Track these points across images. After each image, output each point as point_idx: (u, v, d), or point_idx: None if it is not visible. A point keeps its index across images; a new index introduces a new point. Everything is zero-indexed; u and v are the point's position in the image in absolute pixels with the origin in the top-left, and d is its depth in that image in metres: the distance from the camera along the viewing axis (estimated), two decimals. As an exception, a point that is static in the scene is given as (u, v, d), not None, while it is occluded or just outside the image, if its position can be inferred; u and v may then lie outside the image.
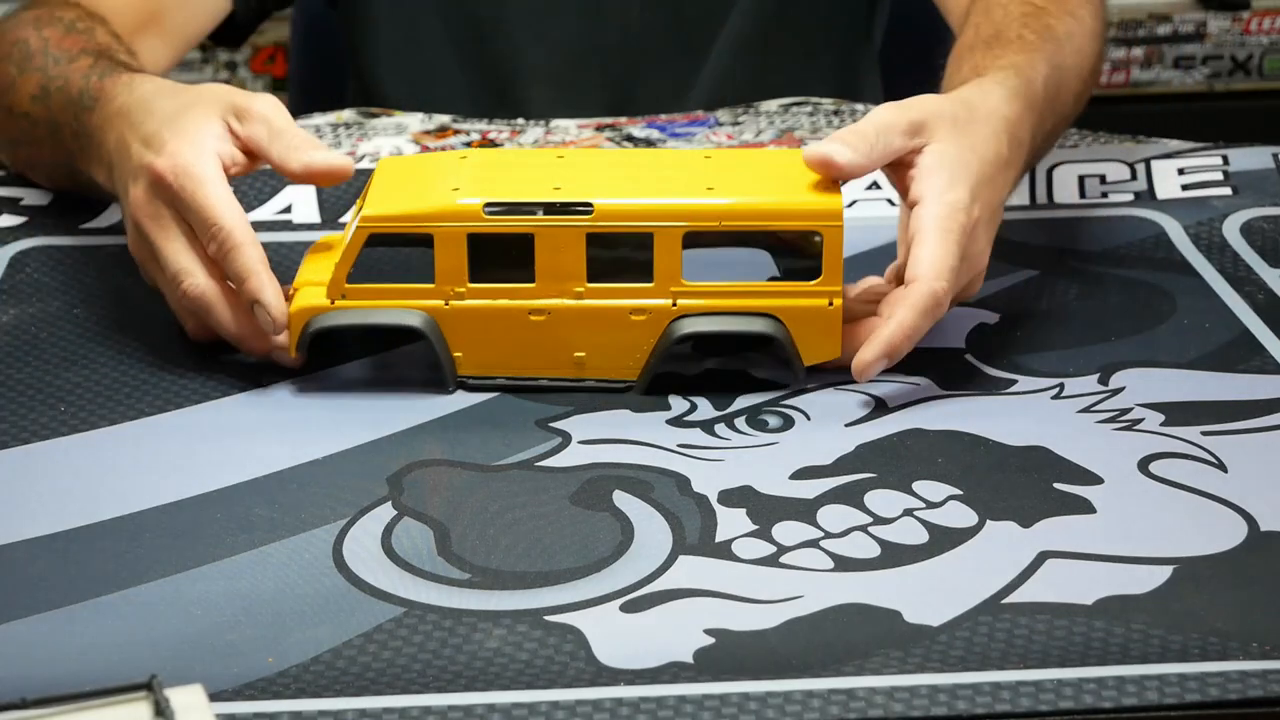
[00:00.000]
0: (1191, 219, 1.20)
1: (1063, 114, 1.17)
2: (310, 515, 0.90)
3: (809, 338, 1.00)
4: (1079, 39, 1.18)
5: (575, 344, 1.00)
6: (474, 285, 0.99)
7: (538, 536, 0.88)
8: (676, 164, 1.05)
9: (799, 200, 0.99)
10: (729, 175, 1.01)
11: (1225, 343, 1.06)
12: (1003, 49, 1.12)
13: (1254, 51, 2.74)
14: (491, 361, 1.00)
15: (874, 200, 1.23)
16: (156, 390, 1.01)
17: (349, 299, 0.99)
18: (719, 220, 0.98)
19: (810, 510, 0.90)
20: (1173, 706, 0.76)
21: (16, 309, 1.10)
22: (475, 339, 1.00)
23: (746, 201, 0.99)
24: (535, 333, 0.99)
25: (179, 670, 0.77)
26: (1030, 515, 0.89)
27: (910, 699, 0.76)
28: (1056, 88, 1.13)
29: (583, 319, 0.99)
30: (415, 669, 0.79)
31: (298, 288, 1.01)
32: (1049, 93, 1.11)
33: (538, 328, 0.99)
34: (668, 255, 0.98)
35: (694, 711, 0.76)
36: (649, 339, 0.99)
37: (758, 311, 0.99)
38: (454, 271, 0.98)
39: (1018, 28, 1.15)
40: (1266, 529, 0.88)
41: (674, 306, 0.99)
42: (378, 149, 1.33)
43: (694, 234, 0.98)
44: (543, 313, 0.99)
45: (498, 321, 0.99)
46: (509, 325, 0.99)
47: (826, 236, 0.98)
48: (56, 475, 0.94)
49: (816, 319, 0.99)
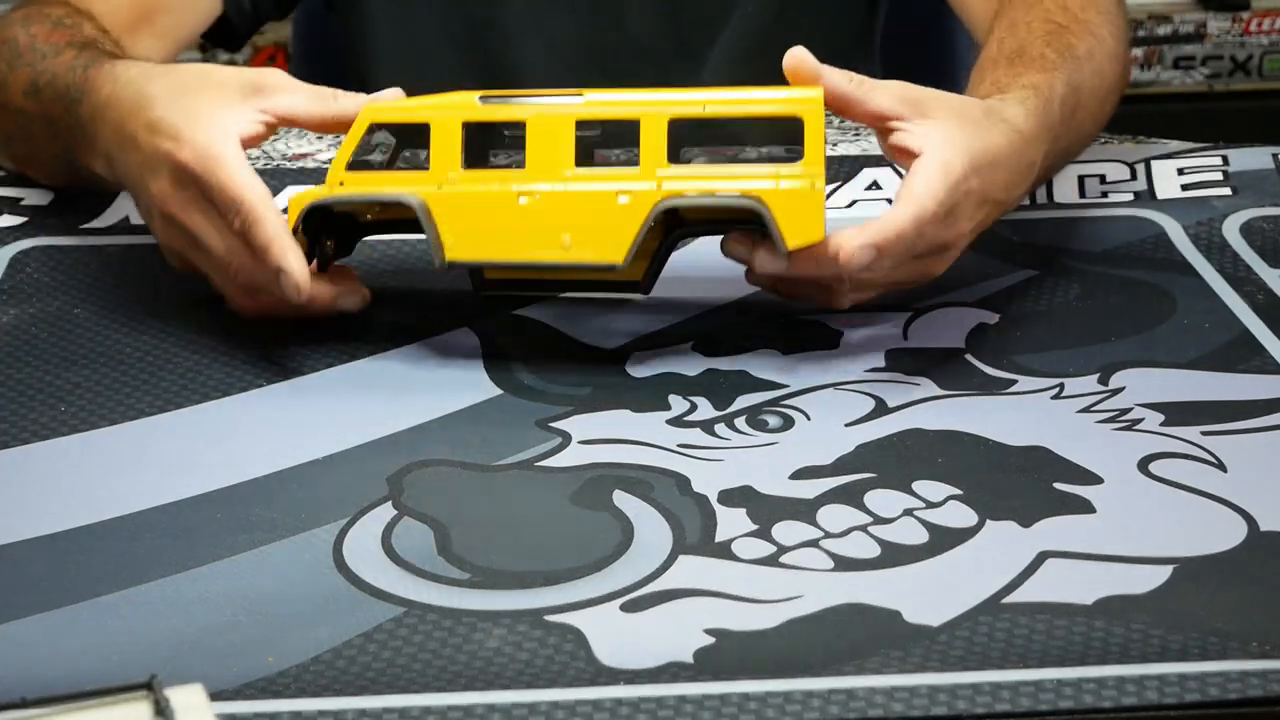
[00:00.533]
0: (1191, 219, 1.20)
1: (1079, 133, 1.17)
2: (310, 515, 0.90)
3: (792, 219, 0.99)
4: (1099, 59, 1.18)
5: (562, 227, 1.01)
6: (466, 171, 1.01)
7: (538, 536, 0.88)
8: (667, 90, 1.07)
9: (780, 89, 1.01)
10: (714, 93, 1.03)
11: (1225, 343, 1.06)
12: (1024, 67, 1.12)
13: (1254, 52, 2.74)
14: (482, 245, 1.02)
15: (874, 200, 1.23)
16: (156, 390, 1.01)
17: (347, 186, 1.02)
18: (703, 106, 1.01)
19: (810, 510, 0.90)
20: (1172, 706, 0.76)
21: (16, 309, 1.10)
22: (465, 223, 1.01)
23: (730, 93, 1.01)
24: (523, 215, 1.01)
25: (179, 670, 0.77)
26: (1030, 515, 0.89)
27: (910, 699, 0.76)
28: (1073, 108, 1.13)
29: (570, 202, 1.01)
30: (415, 669, 0.79)
31: None
32: (1065, 113, 1.12)
33: (526, 211, 1.01)
34: (654, 141, 1.00)
35: (694, 711, 0.76)
36: (635, 220, 1.00)
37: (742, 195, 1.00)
38: (448, 159, 1.01)
39: (1040, 46, 1.15)
40: (1266, 529, 0.88)
41: (659, 190, 1.00)
42: (378, 149, 1.33)
43: (679, 121, 1.00)
44: (531, 194, 1.01)
45: (487, 204, 1.01)
46: (498, 208, 1.01)
47: (807, 120, 0.99)
48: (56, 475, 0.94)
49: (799, 200, 0.99)
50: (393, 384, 1.02)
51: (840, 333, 1.07)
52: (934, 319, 1.08)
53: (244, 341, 1.06)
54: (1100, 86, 1.19)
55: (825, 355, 1.04)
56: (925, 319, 1.08)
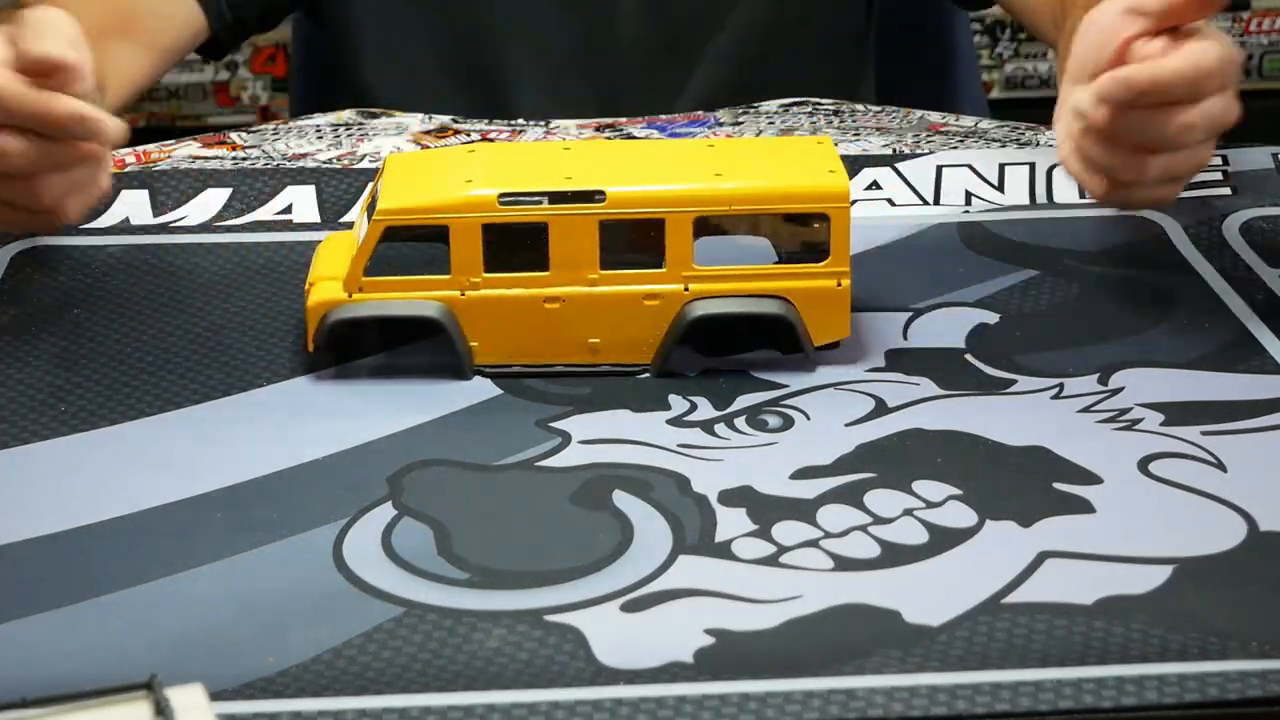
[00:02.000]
0: (1191, 219, 1.20)
1: None
2: (310, 515, 0.90)
3: (819, 318, 1.01)
4: None
5: (590, 330, 1.01)
6: (489, 275, 1.00)
7: (538, 536, 0.88)
8: (681, 153, 1.07)
9: (806, 183, 1.01)
10: (734, 161, 1.03)
11: (1225, 343, 1.06)
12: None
13: (1254, 51, 2.75)
14: (508, 349, 1.01)
15: (874, 200, 1.23)
16: (156, 390, 1.01)
17: (365, 291, 1.00)
18: (729, 204, 1.00)
19: (810, 510, 0.90)
20: (1172, 706, 0.76)
21: (16, 309, 1.10)
22: (491, 328, 1.01)
23: (755, 185, 1.00)
24: (550, 320, 1.01)
25: (179, 670, 0.77)
26: (1030, 515, 0.89)
27: (910, 699, 0.76)
28: None
29: (597, 305, 1.01)
30: (415, 669, 0.79)
31: (314, 283, 1.01)
32: None
33: (552, 315, 1.01)
34: (679, 240, 1.00)
35: (694, 711, 0.76)
36: (662, 323, 1.01)
37: (768, 294, 1.01)
38: (469, 262, 1.00)
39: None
40: (1266, 529, 0.88)
41: (685, 291, 1.00)
42: (378, 149, 1.33)
43: (704, 219, 1.00)
44: (557, 300, 1.00)
45: (513, 310, 1.01)
46: (524, 313, 1.01)
47: (834, 218, 1.00)
48: (56, 475, 0.94)
49: (826, 299, 1.01)
50: (393, 384, 1.02)
51: (840, 333, 1.07)
52: (934, 319, 1.08)
53: (244, 342, 1.06)
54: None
55: (825, 355, 1.04)
56: (925, 319, 1.08)
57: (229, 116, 2.94)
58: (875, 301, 1.09)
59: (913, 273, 1.14)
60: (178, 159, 1.33)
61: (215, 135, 1.39)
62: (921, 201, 1.23)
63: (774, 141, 1.15)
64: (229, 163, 1.31)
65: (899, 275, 1.14)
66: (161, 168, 1.30)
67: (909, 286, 1.12)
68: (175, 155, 1.33)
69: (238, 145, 1.35)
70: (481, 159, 1.04)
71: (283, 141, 1.35)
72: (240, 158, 1.32)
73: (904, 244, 1.18)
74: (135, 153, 1.33)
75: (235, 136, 1.37)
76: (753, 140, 1.24)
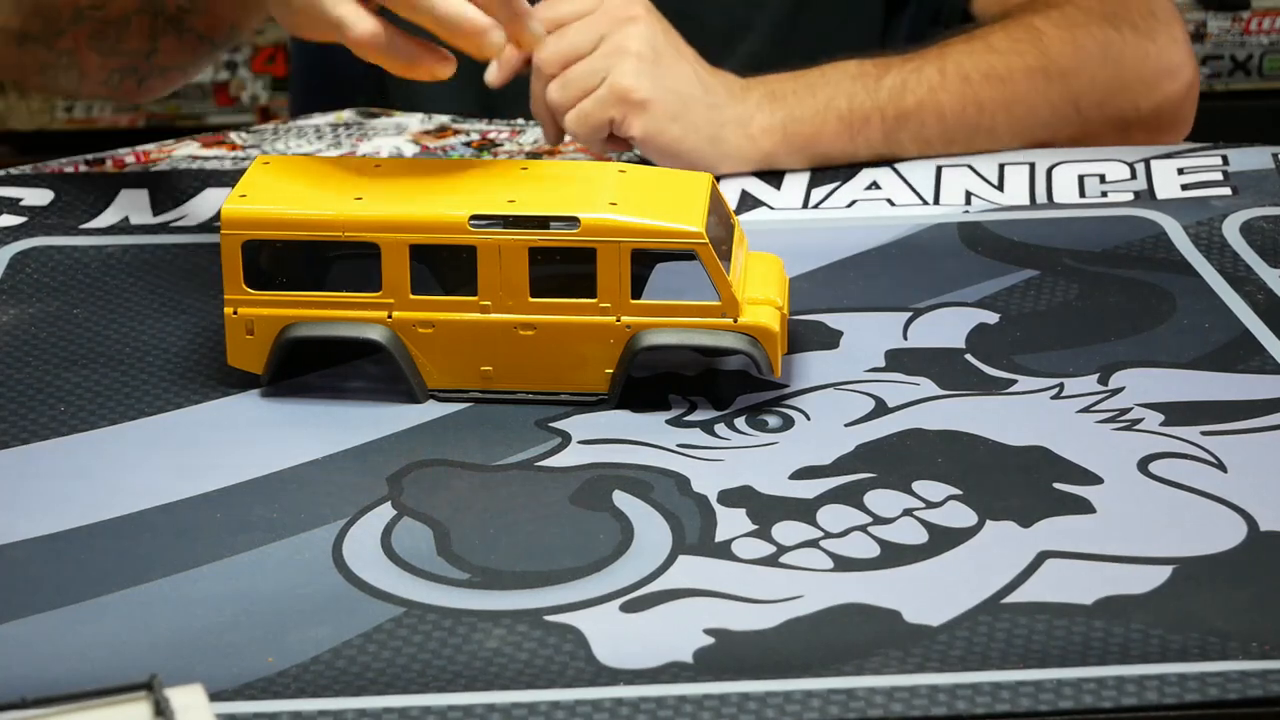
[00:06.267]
0: (1191, 219, 1.20)
1: None
2: (310, 515, 0.90)
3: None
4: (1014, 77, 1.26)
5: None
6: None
7: (538, 536, 0.88)
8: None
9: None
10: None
11: (1225, 343, 1.06)
12: None
13: (1254, 51, 2.74)
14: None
15: (874, 200, 1.23)
16: (156, 390, 1.01)
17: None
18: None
19: (810, 510, 0.90)
20: (1172, 706, 0.76)
21: (16, 309, 1.10)
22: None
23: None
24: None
25: (179, 670, 0.77)
26: (1030, 515, 0.89)
27: (910, 699, 0.76)
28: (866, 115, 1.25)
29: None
30: (415, 669, 0.79)
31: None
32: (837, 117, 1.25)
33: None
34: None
35: (694, 711, 0.76)
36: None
37: None
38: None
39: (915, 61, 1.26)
40: (1266, 529, 0.88)
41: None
42: (378, 149, 1.33)
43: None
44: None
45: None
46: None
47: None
48: (56, 475, 0.94)
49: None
50: (393, 384, 1.02)
51: (840, 333, 1.07)
52: (934, 319, 1.08)
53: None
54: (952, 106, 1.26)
55: (825, 355, 1.04)
56: (925, 319, 1.08)
57: (229, 116, 2.95)
58: (875, 301, 1.09)
59: (913, 273, 1.14)
60: (177, 159, 1.33)
61: (215, 135, 1.39)
62: (921, 201, 1.23)
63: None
64: (229, 163, 1.31)
65: (899, 275, 1.14)
66: (161, 168, 1.30)
67: (909, 286, 1.12)
68: (175, 155, 1.34)
69: (237, 145, 1.35)
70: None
71: (283, 141, 1.35)
72: (240, 158, 1.32)
73: (904, 244, 1.18)
74: (135, 153, 1.33)
75: (235, 136, 1.37)
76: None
